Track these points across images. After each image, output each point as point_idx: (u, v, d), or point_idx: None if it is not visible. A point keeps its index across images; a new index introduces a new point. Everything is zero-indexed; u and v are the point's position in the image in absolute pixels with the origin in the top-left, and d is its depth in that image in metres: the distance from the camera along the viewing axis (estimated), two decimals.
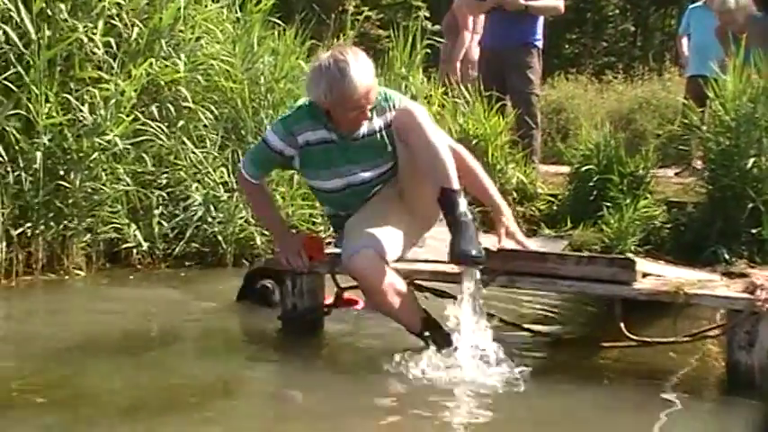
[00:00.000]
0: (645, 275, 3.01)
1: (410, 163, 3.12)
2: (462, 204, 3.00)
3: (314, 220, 5.30)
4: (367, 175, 3.19)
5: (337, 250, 3.25)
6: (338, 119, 3.06)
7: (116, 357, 3.06)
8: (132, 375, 2.82)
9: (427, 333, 3.06)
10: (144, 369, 2.90)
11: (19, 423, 2.33)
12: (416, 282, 3.30)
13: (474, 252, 2.89)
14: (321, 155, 3.15)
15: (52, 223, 4.38)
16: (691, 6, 7.74)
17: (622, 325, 2.99)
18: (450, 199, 2.99)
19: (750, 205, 4.32)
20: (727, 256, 4.14)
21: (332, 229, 3.60)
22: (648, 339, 3.08)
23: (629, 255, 3.71)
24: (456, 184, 2.99)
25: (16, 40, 4.27)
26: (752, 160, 4.39)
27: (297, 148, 3.16)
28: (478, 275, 2.96)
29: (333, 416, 2.49)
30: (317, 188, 3.32)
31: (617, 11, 24.77)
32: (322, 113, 3.09)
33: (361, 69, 2.96)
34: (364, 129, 3.10)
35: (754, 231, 4.26)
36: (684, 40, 7.59)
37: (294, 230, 3.92)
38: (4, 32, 4.25)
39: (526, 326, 3.45)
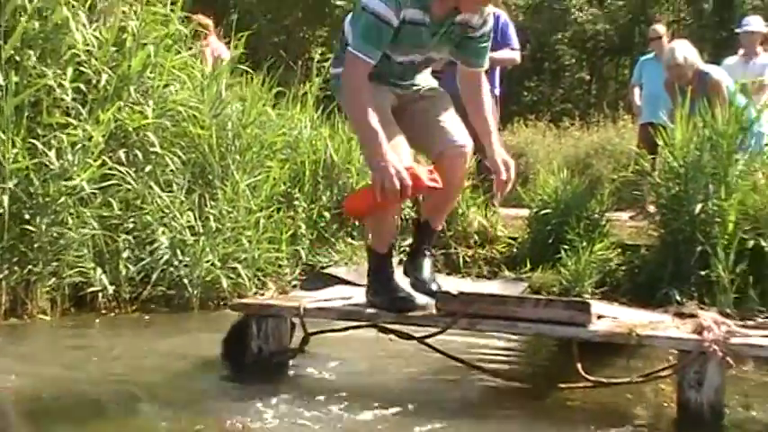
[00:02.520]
0: (600, 317, 3.08)
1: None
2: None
3: (280, 263, 5.31)
4: (432, 55, 3.20)
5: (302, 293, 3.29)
6: None
7: (86, 409, 2.98)
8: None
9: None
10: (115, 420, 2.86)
11: None
12: (380, 324, 3.32)
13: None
14: (410, 33, 3.03)
15: (16, 268, 4.33)
16: (642, 58, 7.95)
17: (579, 366, 3.03)
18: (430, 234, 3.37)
19: (699, 248, 4.43)
20: (678, 298, 4.24)
21: None
22: (605, 380, 3.11)
23: (585, 297, 3.77)
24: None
25: None
26: (699, 205, 4.51)
27: (399, 21, 2.99)
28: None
29: None
30: (385, 56, 3.11)
31: (573, 60, 25.27)
32: None
33: None
34: (457, 18, 3.06)
35: (703, 273, 4.35)
36: (636, 90, 7.77)
37: None
38: None
39: (486, 367, 3.44)
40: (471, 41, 3.17)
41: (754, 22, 7.32)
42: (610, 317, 3.17)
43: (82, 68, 4.71)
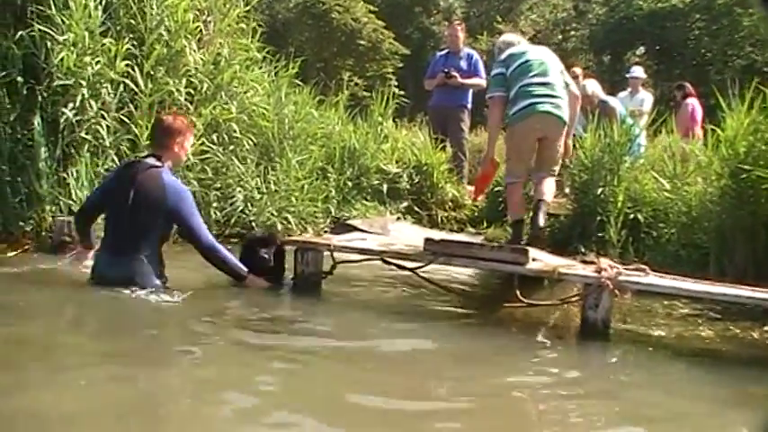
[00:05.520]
0: (534, 260, 3.07)
1: None
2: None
3: (316, 215, 5.24)
4: None
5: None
6: None
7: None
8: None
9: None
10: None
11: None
12: (385, 258, 3.33)
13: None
14: None
15: None
16: None
17: (518, 292, 3.05)
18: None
19: (598, 218, 4.39)
20: (583, 250, 4.19)
21: None
22: (534, 302, 3.13)
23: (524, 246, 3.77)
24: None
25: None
26: (600, 189, 4.48)
27: None
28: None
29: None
30: None
31: None
32: None
33: None
34: None
35: (600, 234, 4.33)
36: None
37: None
38: (125, 85, 4.21)
39: (456, 290, 3.46)
40: None
41: (637, 71, 7.33)
42: (540, 259, 3.17)
43: (191, 79, 4.65)
